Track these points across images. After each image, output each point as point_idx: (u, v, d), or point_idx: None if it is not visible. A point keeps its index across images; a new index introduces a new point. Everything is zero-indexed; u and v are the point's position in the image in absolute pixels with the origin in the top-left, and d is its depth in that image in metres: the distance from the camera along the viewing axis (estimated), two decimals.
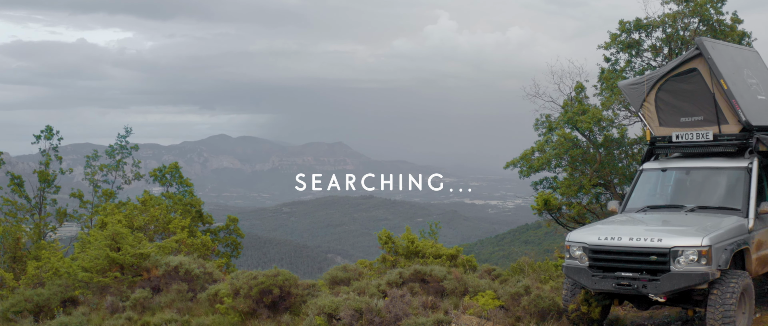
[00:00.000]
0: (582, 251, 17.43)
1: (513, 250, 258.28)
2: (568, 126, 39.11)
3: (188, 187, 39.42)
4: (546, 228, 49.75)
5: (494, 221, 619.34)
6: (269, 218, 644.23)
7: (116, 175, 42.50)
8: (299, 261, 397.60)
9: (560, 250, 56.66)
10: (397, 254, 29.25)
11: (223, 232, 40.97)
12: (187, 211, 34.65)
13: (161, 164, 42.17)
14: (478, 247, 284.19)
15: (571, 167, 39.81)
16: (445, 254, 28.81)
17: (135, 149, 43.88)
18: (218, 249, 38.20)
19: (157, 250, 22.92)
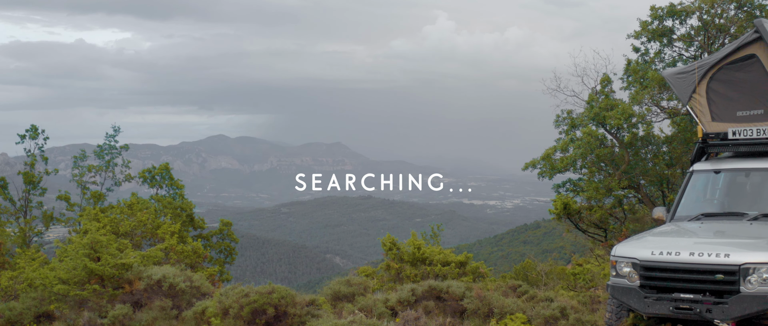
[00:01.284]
0: (631, 268, 14.85)
1: (512, 251, 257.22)
2: (593, 123, 36.03)
3: (179, 189, 37.21)
4: (566, 234, 46.45)
5: (493, 221, 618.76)
6: (268, 218, 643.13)
7: (105, 177, 40.50)
8: (298, 262, 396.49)
9: (575, 254, 54.29)
10: (402, 261, 27.36)
11: (217, 237, 38.87)
12: (178, 215, 32.74)
13: (151, 165, 39.96)
14: (476, 248, 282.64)
15: (597, 168, 36.66)
16: (453, 261, 26.90)
17: (125, 149, 41.73)
18: (211, 255, 36.22)
19: (140, 260, 20.95)
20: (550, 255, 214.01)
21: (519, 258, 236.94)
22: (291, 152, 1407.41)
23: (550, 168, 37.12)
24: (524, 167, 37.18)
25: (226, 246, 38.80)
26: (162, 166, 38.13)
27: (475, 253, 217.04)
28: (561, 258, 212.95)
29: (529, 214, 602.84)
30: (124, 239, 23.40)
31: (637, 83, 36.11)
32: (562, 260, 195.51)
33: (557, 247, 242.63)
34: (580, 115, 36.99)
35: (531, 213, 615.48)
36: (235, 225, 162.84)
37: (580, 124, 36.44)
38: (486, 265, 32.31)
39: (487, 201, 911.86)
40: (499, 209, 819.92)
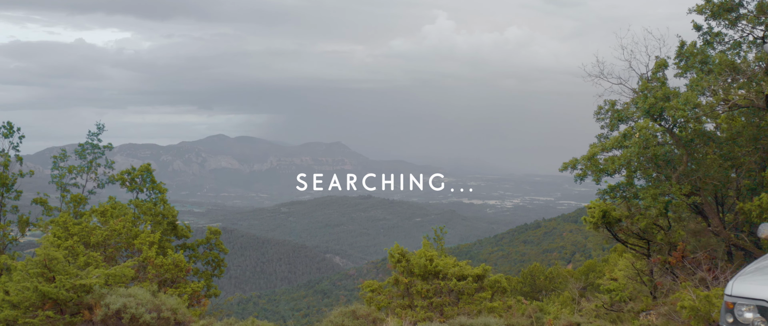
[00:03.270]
0: (758, 313, 11.11)
1: (512, 250, 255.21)
2: (648, 115, 30.24)
3: (160, 193, 33.65)
4: (604, 244, 42.07)
5: (493, 221, 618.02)
6: (268, 218, 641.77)
7: (87, 178, 37.23)
8: (298, 262, 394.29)
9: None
10: (412, 274, 24.28)
11: (203, 247, 35.41)
12: (158, 223, 29.48)
13: (131, 166, 36.46)
14: (476, 247, 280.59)
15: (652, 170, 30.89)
16: (470, 274, 23.82)
17: (108, 148, 38.40)
18: (197, 267, 32.87)
19: (104, 280, 17.74)
20: (550, 255, 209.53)
21: (519, 258, 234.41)
22: (290, 152, 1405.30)
23: (596, 169, 31.29)
24: (563, 168, 31.21)
25: (213, 257, 35.27)
26: (143, 167, 34.69)
27: (476, 253, 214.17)
28: (562, 257, 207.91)
29: (529, 214, 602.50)
30: (94, 251, 20.34)
31: (696, 68, 30.97)
32: (563, 260, 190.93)
33: (558, 247, 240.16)
34: (625, 106, 31.66)
35: (531, 213, 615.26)
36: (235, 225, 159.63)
37: (628, 117, 31.10)
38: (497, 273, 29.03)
39: (487, 201, 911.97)
40: (499, 209, 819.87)
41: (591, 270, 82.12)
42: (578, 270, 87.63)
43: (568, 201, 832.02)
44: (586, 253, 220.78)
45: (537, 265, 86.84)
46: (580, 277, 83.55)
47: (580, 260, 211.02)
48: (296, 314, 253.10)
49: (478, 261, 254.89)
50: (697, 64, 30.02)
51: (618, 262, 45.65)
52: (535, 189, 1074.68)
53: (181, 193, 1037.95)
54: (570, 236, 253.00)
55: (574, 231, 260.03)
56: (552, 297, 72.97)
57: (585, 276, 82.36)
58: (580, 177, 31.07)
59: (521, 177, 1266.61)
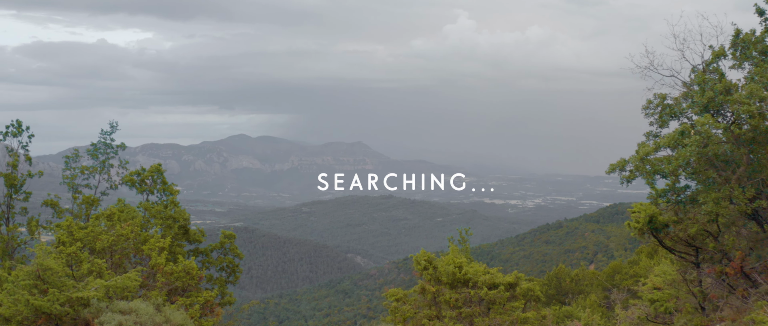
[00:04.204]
0: None
1: (534, 250, 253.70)
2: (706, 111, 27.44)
3: (171, 195, 31.95)
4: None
5: (514, 221, 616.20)
6: (289, 218, 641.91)
7: (100, 179, 35.75)
8: (319, 261, 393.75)
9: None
10: (439, 282, 22.68)
11: (217, 252, 33.69)
12: (169, 227, 27.81)
13: (141, 166, 34.88)
14: (498, 247, 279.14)
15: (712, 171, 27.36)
16: (502, 283, 22.18)
17: (122, 148, 36.82)
18: (210, 273, 31.25)
19: (104, 292, 16.20)
20: (572, 255, 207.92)
21: (541, 259, 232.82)
22: (312, 151, 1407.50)
23: (650, 170, 27.94)
24: (610, 169, 28.45)
25: (228, 262, 33.51)
26: (153, 168, 33.06)
27: (497, 253, 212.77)
28: (584, 258, 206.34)
29: (551, 214, 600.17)
30: (99, 258, 18.84)
31: (756, 58, 27.87)
32: (585, 260, 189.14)
33: (580, 247, 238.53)
34: (675, 100, 28.62)
35: (553, 213, 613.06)
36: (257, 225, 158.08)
37: (680, 113, 28.24)
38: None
39: (508, 201, 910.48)
40: (521, 208, 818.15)
41: (616, 271, 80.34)
42: (603, 271, 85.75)
43: (589, 201, 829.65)
44: (609, 254, 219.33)
45: (563, 267, 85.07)
46: (605, 279, 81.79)
47: (602, 260, 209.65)
48: (317, 314, 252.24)
49: (500, 261, 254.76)
50: (757, 54, 27.11)
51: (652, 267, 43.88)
52: (557, 189, 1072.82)
53: (202, 193, 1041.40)
54: (592, 236, 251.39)
55: (596, 231, 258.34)
56: (579, 300, 71.15)
57: (610, 277, 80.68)
58: (628, 179, 28.21)
59: (543, 176, 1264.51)
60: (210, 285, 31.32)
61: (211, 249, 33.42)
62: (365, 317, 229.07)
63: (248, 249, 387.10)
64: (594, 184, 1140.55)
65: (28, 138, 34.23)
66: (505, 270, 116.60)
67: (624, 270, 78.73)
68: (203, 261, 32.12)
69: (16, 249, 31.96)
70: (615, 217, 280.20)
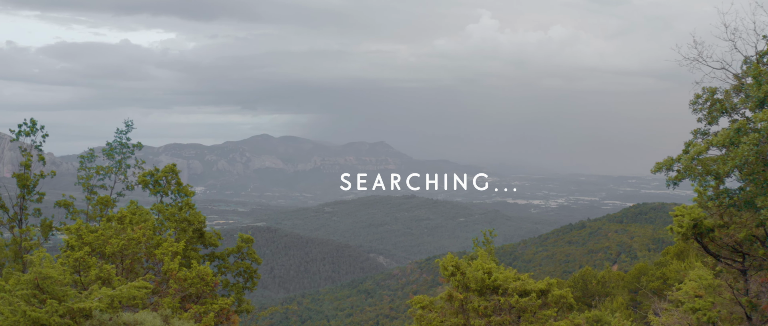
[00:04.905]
0: None
1: (557, 251, 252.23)
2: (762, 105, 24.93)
3: (186, 196, 30.64)
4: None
5: (537, 221, 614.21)
6: (311, 217, 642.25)
7: (115, 179, 34.68)
8: (341, 261, 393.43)
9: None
10: (467, 289, 21.47)
11: (234, 257, 32.43)
12: (183, 230, 26.61)
13: (154, 167, 33.67)
14: (521, 248, 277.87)
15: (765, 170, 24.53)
16: (533, 290, 20.96)
17: (138, 147, 35.71)
18: (226, 279, 30.07)
19: (108, 302, 15.07)
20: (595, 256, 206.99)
21: (564, 259, 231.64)
22: (334, 151, 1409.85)
23: (702, 171, 25.46)
24: (656, 169, 26.30)
25: (245, 267, 32.15)
26: (167, 168, 31.79)
27: (520, 253, 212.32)
28: (607, 258, 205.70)
29: (574, 214, 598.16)
30: (108, 263, 17.74)
31: None
32: (608, 260, 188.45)
33: (603, 247, 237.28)
34: (726, 93, 26.55)
35: (576, 213, 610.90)
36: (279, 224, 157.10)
37: (731, 109, 25.98)
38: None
39: (531, 201, 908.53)
40: (544, 208, 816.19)
41: (642, 273, 78.98)
42: (628, 273, 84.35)
43: (613, 202, 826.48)
44: (632, 254, 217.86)
45: (589, 269, 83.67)
46: (631, 281, 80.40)
47: (625, 261, 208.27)
48: (340, 314, 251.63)
49: (523, 261, 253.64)
50: None
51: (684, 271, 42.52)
52: (580, 189, 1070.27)
53: (225, 193, 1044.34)
54: (615, 236, 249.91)
55: (619, 231, 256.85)
56: (606, 302, 69.75)
57: (636, 279, 79.38)
58: (675, 180, 25.96)
59: (566, 176, 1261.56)
60: (226, 291, 30.14)
61: (228, 254, 32.15)
62: (388, 317, 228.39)
63: (271, 249, 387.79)
64: (617, 184, 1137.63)
65: (42, 137, 33.07)
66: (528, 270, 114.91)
67: (650, 271, 77.45)
68: (219, 266, 30.92)
69: (27, 251, 30.96)
70: (638, 218, 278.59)
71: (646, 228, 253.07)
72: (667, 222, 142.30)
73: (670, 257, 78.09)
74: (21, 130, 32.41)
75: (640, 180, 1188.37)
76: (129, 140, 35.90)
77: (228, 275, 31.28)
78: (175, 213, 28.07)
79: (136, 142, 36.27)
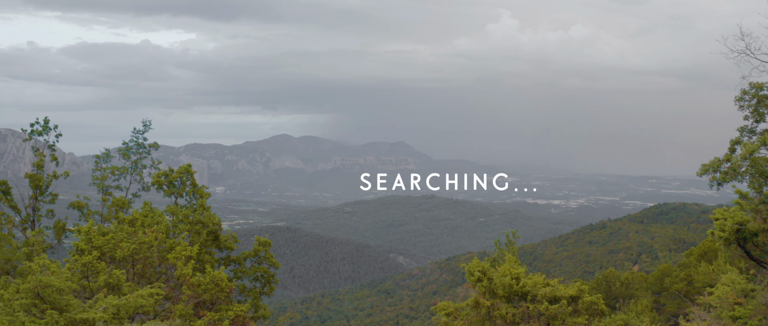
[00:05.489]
0: None
1: (577, 251, 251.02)
2: None
3: (201, 198, 29.58)
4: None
5: (557, 221, 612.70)
6: (331, 217, 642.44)
7: (131, 180, 33.80)
8: (361, 261, 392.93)
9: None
10: (494, 295, 20.48)
11: (251, 261, 31.36)
12: (198, 233, 25.62)
13: (168, 167, 32.69)
14: (541, 247, 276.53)
15: None
16: (563, 296, 19.96)
17: (154, 147, 34.76)
18: (243, 284, 29.05)
19: (112, 313, 14.15)
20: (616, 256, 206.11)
21: (585, 259, 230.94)
22: (354, 151, 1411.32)
23: (756, 172, 23.40)
24: (702, 171, 24.56)
25: (263, 272, 31.05)
26: (182, 169, 30.70)
27: (540, 253, 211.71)
28: (628, 259, 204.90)
29: (594, 214, 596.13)
30: (118, 269, 16.85)
31: None
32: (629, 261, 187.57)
33: (623, 248, 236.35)
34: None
35: (596, 213, 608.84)
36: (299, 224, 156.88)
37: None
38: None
39: (551, 201, 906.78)
40: (564, 209, 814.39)
41: (665, 274, 77.75)
42: (651, 274, 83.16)
43: (633, 202, 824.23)
44: (653, 254, 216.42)
45: (612, 270, 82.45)
46: (654, 282, 79.19)
47: (646, 261, 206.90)
48: (360, 314, 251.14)
49: (543, 262, 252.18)
50: None
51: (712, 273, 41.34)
52: (600, 189, 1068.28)
53: (245, 193, 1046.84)
54: (636, 237, 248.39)
55: (640, 231, 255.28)
56: (630, 305, 68.53)
57: (659, 281, 78.23)
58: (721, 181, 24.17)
59: (586, 176, 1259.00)
60: (243, 296, 29.17)
61: (245, 257, 31.06)
62: (407, 317, 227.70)
63: (291, 249, 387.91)
64: (638, 184, 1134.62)
65: (56, 137, 32.21)
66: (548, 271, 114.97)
67: (674, 273, 76.22)
68: (235, 270, 29.92)
69: (39, 254, 30.14)
70: (659, 218, 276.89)
71: (667, 228, 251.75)
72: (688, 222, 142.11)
73: (694, 258, 76.96)
74: (33, 130, 31.59)
75: (660, 180, 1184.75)
76: (145, 140, 34.99)
77: (244, 280, 30.23)
78: (189, 216, 27.08)
79: (153, 141, 35.38)
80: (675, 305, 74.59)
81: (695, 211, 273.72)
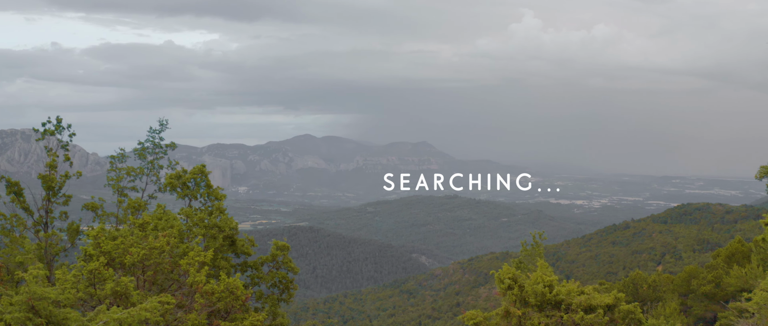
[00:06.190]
0: None
1: (601, 251, 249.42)
2: None
3: (217, 200, 28.28)
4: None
5: (580, 221, 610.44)
6: (354, 217, 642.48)
7: (147, 181, 32.71)
8: (384, 261, 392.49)
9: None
10: (526, 304, 19.29)
11: (269, 266, 30.04)
12: (213, 237, 24.44)
13: (180, 167, 31.53)
14: (564, 248, 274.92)
15: None
16: (599, 305, 18.72)
17: (171, 148, 33.60)
18: (260, 290, 27.87)
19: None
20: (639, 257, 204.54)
21: (608, 260, 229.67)
22: (377, 151, 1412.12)
23: None
24: (761, 174, 23.25)
25: (281, 277, 29.62)
26: (196, 169, 29.44)
27: (563, 254, 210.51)
28: (651, 259, 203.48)
29: (618, 214, 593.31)
30: (126, 276, 15.77)
31: None
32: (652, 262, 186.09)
33: (647, 248, 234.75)
34: None
35: (619, 213, 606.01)
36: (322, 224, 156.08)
37: None
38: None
39: (574, 201, 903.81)
40: (587, 209, 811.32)
41: (692, 276, 76.36)
42: (678, 276, 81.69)
43: (657, 202, 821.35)
44: (677, 255, 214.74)
45: (639, 273, 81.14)
46: (680, 284, 77.81)
47: (670, 262, 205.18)
48: (382, 314, 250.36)
49: (566, 262, 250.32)
50: None
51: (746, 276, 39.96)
52: (623, 189, 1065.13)
53: (268, 193, 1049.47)
54: (660, 237, 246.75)
55: (663, 232, 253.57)
56: (659, 308, 67.09)
57: (686, 282, 76.89)
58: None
59: (609, 176, 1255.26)
60: (260, 303, 27.96)
61: (262, 262, 29.70)
62: (430, 317, 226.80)
63: (313, 249, 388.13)
64: (661, 184, 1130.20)
65: (69, 136, 31.10)
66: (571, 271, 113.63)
67: (701, 275, 74.86)
68: (252, 276, 28.66)
69: (52, 258, 29.17)
70: (683, 218, 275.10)
71: (691, 228, 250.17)
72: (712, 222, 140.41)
73: (722, 260, 75.57)
74: (46, 129, 30.53)
75: (684, 180, 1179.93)
76: (162, 140, 33.83)
77: (262, 286, 28.96)
78: (204, 219, 25.86)
79: (170, 141, 34.21)
80: (702, 307, 73.26)
81: (719, 212, 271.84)
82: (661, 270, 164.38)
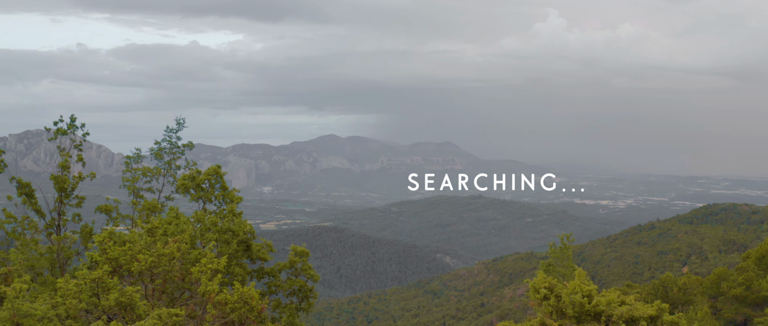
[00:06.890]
0: None
1: (625, 252, 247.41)
2: None
3: (232, 202, 26.76)
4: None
5: (605, 221, 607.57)
6: (378, 218, 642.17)
7: (164, 182, 31.44)
8: (408, 261, 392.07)
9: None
10: (563, 316, 17.94)
11: (287, 272, 28.49)
12: (227, 242, 23.06)
13: (193, 167, 30.23)
14: (589, 248, 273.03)
15: None
16: (642, 316, 17.34)
17: (189, 147, 32.28)
18: (278, 299, 26.44)
19: None
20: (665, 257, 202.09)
21: (633, 260, 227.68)
22: (401, 151, 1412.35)
23: None
24: None
25: (300, 285, 28.04)
26: (210, 170, 27.94)
27: (588, 254, 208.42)
28: (677, 260, 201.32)
29: (643, 214, 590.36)
30: (132, 286, 14.53)
31: None
32: (678, 262, 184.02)
33: (673, 249, 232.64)
34: None
35: (644, 214, 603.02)
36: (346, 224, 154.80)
37: None
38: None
39: (599, 201, 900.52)
40: (612, 209, 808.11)
41: (722, 278, 74.65)
42: (707, 278, 79.98)
43: (682, 202, 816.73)
44: (703, 256, 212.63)
45: (669, 275, 79.52)
46: (710, 287, 76.24)
47: (696, 262, 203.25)
48: (406, 314, 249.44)
49: (591, 262, 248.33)
50: None
51: None
52: (649, 189, 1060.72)
53: (292, 193, 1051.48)
54: (685, 238, 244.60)
55: (689, 232, 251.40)
56: (690, 312, 65.63)
57: (716, 285, 75.22)
58: None
59: (634, 176, 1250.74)
60: (277, 313, 26.55)
61: (280, 269, 28.15)
62: (454, 318, 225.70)
63: (337, 249, 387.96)
64: (687, 184, 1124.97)
65: (83, 136, 29.87)
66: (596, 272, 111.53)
67: (731, 277, 73.15)
68: (269, 284, 27.21)
69: (65, 262, 28.03)
70: (709, 218, 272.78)
71: (717, 229, 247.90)
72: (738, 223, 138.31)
73: (752, 262, 73.90)
74: (58, 128, 29.27)
75: (709, 180, 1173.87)
76: (179, 139, 32.52)
77: (280, 294, 27.49)
78: (217, 223, 24.45)
79: (188, 141, 32.88)
80: (733, 310, 71.62)
81: (745, 212, 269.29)
82: (687, 272, 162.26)
